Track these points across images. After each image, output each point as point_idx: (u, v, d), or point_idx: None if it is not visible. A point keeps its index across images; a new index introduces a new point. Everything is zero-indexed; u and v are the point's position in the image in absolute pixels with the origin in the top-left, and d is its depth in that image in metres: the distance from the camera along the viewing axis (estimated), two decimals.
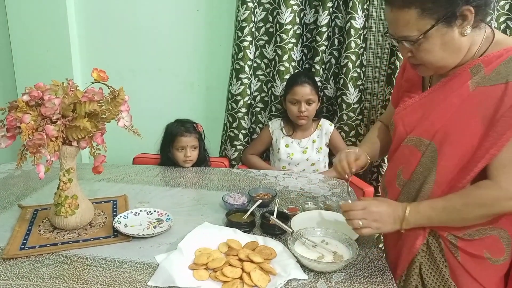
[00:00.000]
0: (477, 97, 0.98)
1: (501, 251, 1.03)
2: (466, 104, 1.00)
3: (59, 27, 2.26)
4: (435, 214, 1.01)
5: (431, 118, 1.06)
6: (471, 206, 0.98)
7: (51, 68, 2.29)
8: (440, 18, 0.93)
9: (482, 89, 0.98)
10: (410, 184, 1.10)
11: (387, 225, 1.04)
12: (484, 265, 1.04)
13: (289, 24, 2.16)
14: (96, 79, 1.17)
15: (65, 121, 1.12)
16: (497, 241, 1.03)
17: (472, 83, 1.00)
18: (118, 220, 1.26)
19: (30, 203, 1.43)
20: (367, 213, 1.04)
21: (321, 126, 2.18)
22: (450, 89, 1.04)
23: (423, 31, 0.95)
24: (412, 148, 1.09)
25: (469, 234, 1.03)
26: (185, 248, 1.10)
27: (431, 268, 1.09)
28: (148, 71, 2.42)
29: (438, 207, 1.01)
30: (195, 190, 1.61)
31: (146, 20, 2.34)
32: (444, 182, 1.03)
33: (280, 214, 1.29)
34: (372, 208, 1.04)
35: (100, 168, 1.22)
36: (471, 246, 1.03)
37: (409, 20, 0.95)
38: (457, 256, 1.04)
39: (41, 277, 1.00)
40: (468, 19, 0.94)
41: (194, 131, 1.98)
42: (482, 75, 0.99)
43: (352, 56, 2.14)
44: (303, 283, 1.00)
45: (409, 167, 1.10)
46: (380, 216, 1.04)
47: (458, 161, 1.00)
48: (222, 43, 2.34)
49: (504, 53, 0.97)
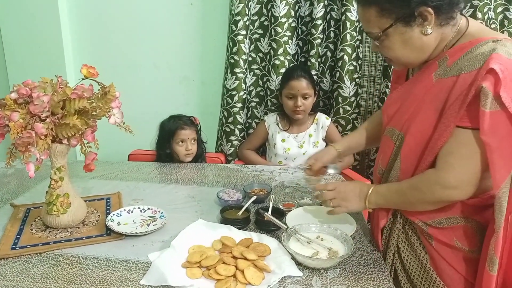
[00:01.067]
0: (436, 88, 1.00)
1: (475, 242, 1.02)
2: (427, 95, 1.02)
3: (51, 24, 2.23)
4: (389, 195, 1.08)
5: (402, 109, 1.09)
6: (414, 191, 1.02)
7: (43, 65, 2.27)
8: (398, 18, 0.97)
9: (441, 81, 1.00)
10: (386, 172, 1.15)
11: (354, 203, 1.13)
12: (460, 255, 1.03)
13: (284, 17, 2.13)
14: (85, 75, 1.15)
15: (54, 119, 1.10)
16: (469, 231, 1.02)
17: (435, 74, 1.02)
18: (111, 218, 1.24)
19: (23, 202, 1.41)
20: (337, 192, 1.15)
21: (317, 120, 2.16)
22: (418, 80, 1.07)
23: (382, 29, 0.99)
24: (387, 138, 1.14)
25: (437, 222, 1.04)
26: (178, 246, 1.09)
27: (410, 254, 1.11)
28: (142, 67, 2.40)
29: (392, 189, 1.08)
30: (190, 187, 1.59)
31: (139, 15, 2.31)
32: (408, 170, 1.06)
33: (275, 210, 1.28)
34: (340, 188, 1.16)
35: (92, 166, 1.21)
36: (441, 234, 1.04)
37: (370, 17, 1.00)
38: (431, 243, 1.06)
39: (32, 277, 0.99)
40: (428, 19, 0.96)
41: (192, 124, 1.97)
42: (445, 66, 1.00)
43: (348, 49, 2.12)
44: (298, 280, 0.99)
45: (385, 156, 1.14)
46: (346, 195, 1.14)
47: (418, 150, 1.03)
48: (216, 37, 2.31)
49: (468, 45, 0.97)
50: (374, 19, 0.99)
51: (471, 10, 2.02)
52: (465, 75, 0.93)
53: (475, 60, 0.92)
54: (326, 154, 1.37)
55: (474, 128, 0.91)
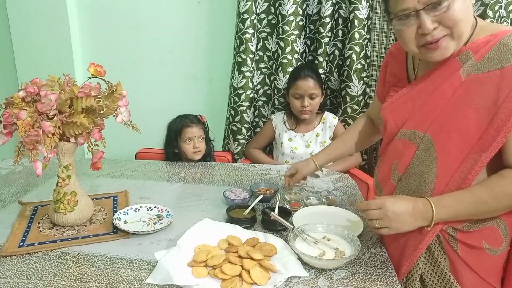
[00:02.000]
0: (470, 85, 0.96)
1: (499, 241, 1.01)
2: (459, 93, 0.98)
3: (60, 22, 2.25)
4: (463, 207, 0.96)
5: (424, 109, 1.03)
6: (500, 197, 0.95)
7: (52, 63, 2.28)
8: None
9: (475, 77, 0.96)
10: (405, 179, 1.07)
11: (406, 224, 0.99)
12: (483, 257, 1.02)
13: (292, 15, 2.12)
14: (93, 74, 1.15)
15: (61, 117, 1.11)
16: (495, 231, 1.01)
17: (463, 71, 0.98)
18: (117, 217, 1.24)
19: (30, 199, 1.42)
20: (383, 212, 0.99)
21: (325, 119, 2.15)
22: (440, 78, 1.02)
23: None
24: (406, 141, 1.07)
25: (468, 226, 1.00)
26: (184, 245, 1.09)
27: (430, 263, 1.06)
28: (149, 65, 2.41)
29: (465, 200, 0.96)
30: (197, 185, 1.59)
31: (147, 13, 2.32)
32: (446, 175, 0.99)
33: (281, 209, 1.27)
34: (388, 207, 0.98)
35: (99, 164, 1.21)
36: (470, 237, 1.01)
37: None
38: (457, 249, 1.02)
39: (39, 274, 0.99)
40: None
41: (199, 122, 1.97)
42: (473, 62, 0.96)
43: (356, 47, 2.10)
44: (304, 280, 0.98)
45: (404, 161, 1.07)
46: (397, 216, 0.98)
47: (458, 152, 0.97)
48: (223, 35, 2.31)
49: (492, 39, 0.95)
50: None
51: (482, 8, 1.99)
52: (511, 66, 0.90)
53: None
54: (306, 168, 1.44)
55: None
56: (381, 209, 0.99)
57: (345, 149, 1.46)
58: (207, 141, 1.98)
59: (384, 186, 1.16)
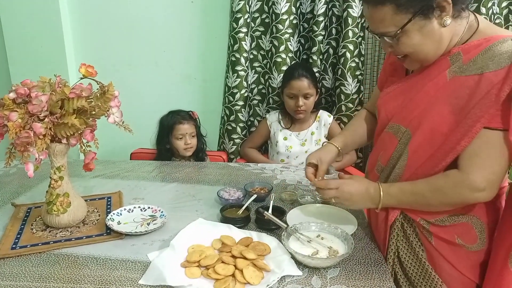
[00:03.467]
0: (452, 86, 0.97)
1: (474, 238, 1.03)
2: (441, 92, 0.99)
3: (53, 22, 2.23)
4: (404, 197, 1.04)
5: (410, 106, 1.06)
6: (436, 193, 0.99)
7: (45, 64, 2.27)
8: (416, 12, 0.92)
9: (457, 79, 0.97)
10: (386, 170, 1.11)
11: (358, 204, 1.12)
12: (458, 251, 1.04)
13: (285, 14, 2.12)
14: (84, 74, 1.15)
15: (53, 118, 1.10)
16: (469, 228, 1.03)
17: (449, 72, 0.99)
18: (111, 218, 1.24)
19: (24, 201, 1.41)
20: (339, 192, 1.09)
21: (319, 118, 2.15)
22: (428, 77, 1.03)
23: (400, 26, 0.94)
24: (391, 135, 1.10)
25: (440, 220, 1.03)
26: (177, 245, 1.08)
27: (409, 252, 1.10)
28: (144, 65, 2.40)
29: (407, 191, 1.04)
30: (191, 185, 1.59)
31: (140, 13, 2.31)
32: (413, 167, 1.04)
33: (275, 208, 1.27)
34: (344, 188, 1.09)
35: (91, 165, 1.20)
36: (443, 231, 1.04)
37: (385, 17, 0.95)
38: (431, 241, 1.05)
39: (31, 277, 0.99)
40: (446, 10, 0.93)
41: (191, 119, 1.97)
42: (460, 64, 0.97)
43: (350, 45, 2.10)
44: (298, 279, 0.98)
45: (387, 153, 1.11)
46: (350, 196, 1.09)
47: (429, 147, 1.01)
48: (217, 35, 2.30)
49: (484, 43, 0.95)
50: (389, 17, 0.94)
51: (475, 4, 1.99)
52: (489, 74, 0.90)
53: (499, 59, 0.90)
54: (328, 154, 1.27)
55: (504, 129, 0.90)
56: (337, 189, 1.10)
57: (358, 136, 1.35)
58: (199, 137, 1.98)
59: (371, 175, 1.20)
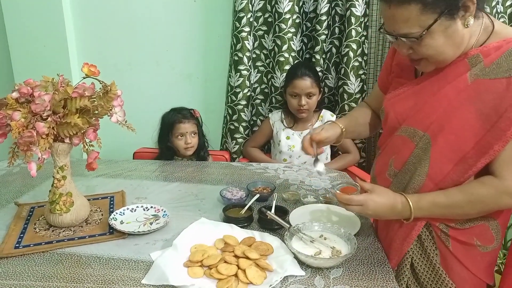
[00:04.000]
0: (475, 90, 0.95)
1: (490, 239, 1.04)
2: (462, 96, 0.96)
3: (55, 22, 2.24)
4: (438, 210, 1.01)
5: (426, 109, 1.02)
6: (475, 203, 0.97)
7: (48, 64, 2.27)
8: (442, 12, 0.89)
9: (481, 82, 0.94)
10: (401, 175, 1.07)
11: (383, 218, 1.12)
12: (474, 252, 1.04)
13: (288, 13, 2.11)
14: (87, 74, 1.15)
15: (56, 118, 1.10)
16: (486, 230, 1.03)
17: (470, 75, 0.96)
18: (114, 217, 1.24)
19: (27, 201, 1.42)
20: (364, 209, 1.03)
21: (322, 117, 2.15)
22: (445, 79, 1.00)
23: (426, 26, 0.90)
24: (405, 138, 1.06)
25: (460, 224, 1.03)
26: (180, 245, 1.08)
27: (422, 257, 1.08)
28: (145, 64, 2.40)
29: (441, 204, 0.99)
30: (194, 185, 1.59)
31: (143, 12, 2.31)
32: (437, 175, 1.00)
33: (278, 208, 1.27)
34: (369, 205, 1.02)
35: (94, 164, 1.20)
36: (462, 234, 1.03)
37: (410, 16, 0.90)
38: (448, 245, 1.04)
39: (34, 276, 0.99)
40: (470, 9, 0.90)
41: (192, 117, 1.96)
42: (481, 67, 0.95)
43: (353, 45, 2.09)
44: (300, 280, 0.98)
45: (401, 157, 1.07)
46: (377, 214, 1.05)
47: (453, 154, 0.98)
48: (220, 34, 2.30)
49: (504, 45, 0.93)
50: (414, 17, 0.89)
51: None
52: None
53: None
54: (331, 129, 1.21)
55: None
56: (362, 206, 1.03)
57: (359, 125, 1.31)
58: (200, 136, 1.98)
59: (380, 179, 1.16)
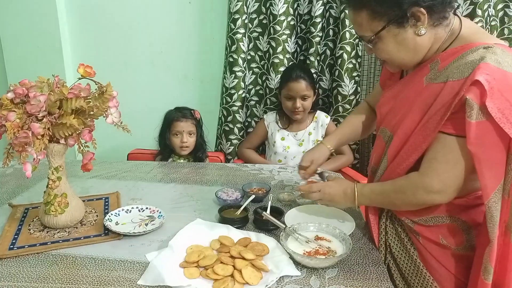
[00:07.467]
0: (426, 93, 1.00)
1: (460, 241, 1.03)
2: (417, 98, 1.02)
3: (49, 23, 2.23)
4: (373, 196, 1.11)
5: (394, 110, 1.10)
6: (398, 194, 1.04)
7: (42, 64, 2.26)
8: (390, 20, 0.96)
9: (430, 85, 1.00)
10: (376, 171, 1.16)
11: (340, 204, 1.19)
12: (446, 251, 1.04)
13: (283, 15, 2.12)
14: (82, 74, 1.14)
15: (51, 119, 1.10)
16: (455, 229, 1.03)
17: (426, 78, 1.02)
18: (109, 218, 1.24)
19: (21, 202, 1.41)
20: (322, 194, 1.17)
21: (317, 118, 2.16)
22: (411, 83, 1.06)
23: (375, 32, 0.99)
24: (380, 138, 1.15)
25: (424, 220, 1.05)
26: (176, 246, 1.08)
27: (401, 250, 1.12)
28: (141, 65, 2.40)
29: (376, 191, 1.10)
30: (189, 186, 1.59)
31: (138, 13, 2.31)
32: (393, 169, 1.08)
33: (274, 209, 1.27)
34: (325, 190, 1.17)
35: (89, 165, 1.20)
36: (428, 231, 1.06)
37: (362, 21, 0.99)
38: (419, 239, 1.08)
39: (29, 277, 0.99)
40: (421, 19, 0.95)
41: (191, 117, 1.97)
42: (436, 71, 1.00)
43: (347, 47, 2.11)
44: (296, 280, 0.98)
45: (377, 155, 1.16)
46: (332, 197, 1.16)
47: (402, 151, 1.05)
48: (215, 35, 2.31)
49: (459, 50, 0.96)
50: (366, 23, 0.99)
51: (471, 7, 2.01)
52: (452, 82, 0.92)
53: (463, 68, 0.91)
54: (321, 155, 1.36)
55: (458, 135, 0.92)
56: (320, 192, 1.17)
57: (354, 133, 1.42)
58: (199, 136, 1.99)
59: (368, 175, 1.27)
